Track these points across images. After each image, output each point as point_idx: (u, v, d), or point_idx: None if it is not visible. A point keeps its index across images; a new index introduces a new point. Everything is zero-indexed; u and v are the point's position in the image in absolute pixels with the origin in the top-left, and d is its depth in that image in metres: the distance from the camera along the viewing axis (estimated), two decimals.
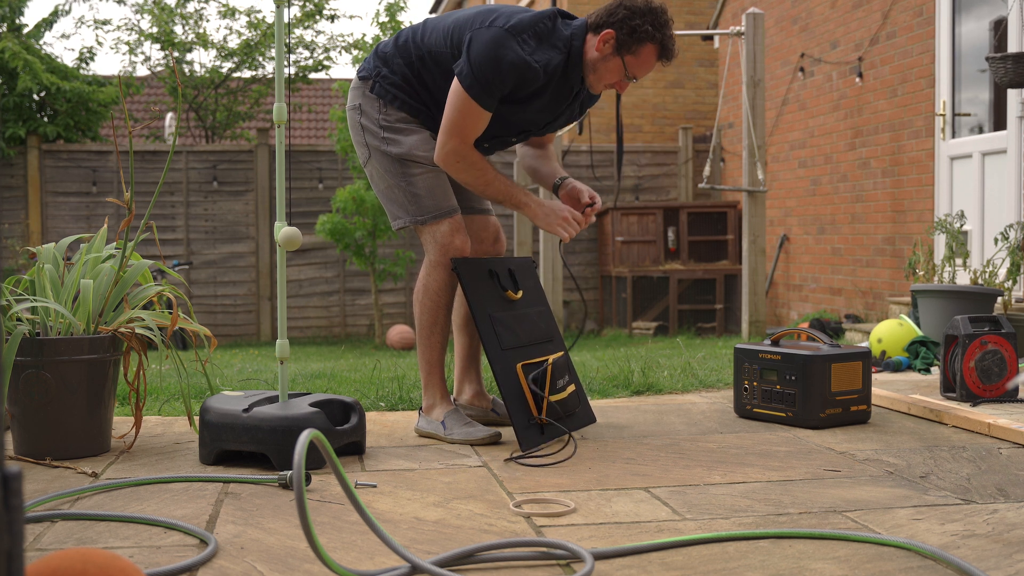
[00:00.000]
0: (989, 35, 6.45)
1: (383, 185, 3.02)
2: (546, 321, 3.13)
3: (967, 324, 3.37)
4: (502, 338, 2.89)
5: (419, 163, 2.96)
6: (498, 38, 2.74)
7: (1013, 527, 2.06)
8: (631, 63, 2.85)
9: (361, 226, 9.87)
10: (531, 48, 2.78)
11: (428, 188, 2.95)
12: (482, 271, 2.96)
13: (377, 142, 2.99)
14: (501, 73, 2.75)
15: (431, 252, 2.98)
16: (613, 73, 2.86)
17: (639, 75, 2.88)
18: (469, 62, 2.76)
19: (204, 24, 13.41)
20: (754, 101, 7.40)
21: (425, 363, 3.07)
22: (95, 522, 2.14)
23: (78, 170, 10.82)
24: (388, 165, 2.98)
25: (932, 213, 6.86)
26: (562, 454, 2.76)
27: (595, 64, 2.86)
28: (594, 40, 2.85)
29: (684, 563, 1.86)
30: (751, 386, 3.28)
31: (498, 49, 2.74)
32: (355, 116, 3.04)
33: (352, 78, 12.06)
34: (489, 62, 2.74)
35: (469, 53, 2.76)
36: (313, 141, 18.11)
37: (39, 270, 2.82)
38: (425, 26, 3.01)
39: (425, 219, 2.96)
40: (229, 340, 10.91)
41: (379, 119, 2.98)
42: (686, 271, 10.15)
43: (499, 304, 2.97)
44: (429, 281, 2.99)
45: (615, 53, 2.84)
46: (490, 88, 2.77)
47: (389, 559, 1.88)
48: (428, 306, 3.01)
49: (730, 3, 10.60)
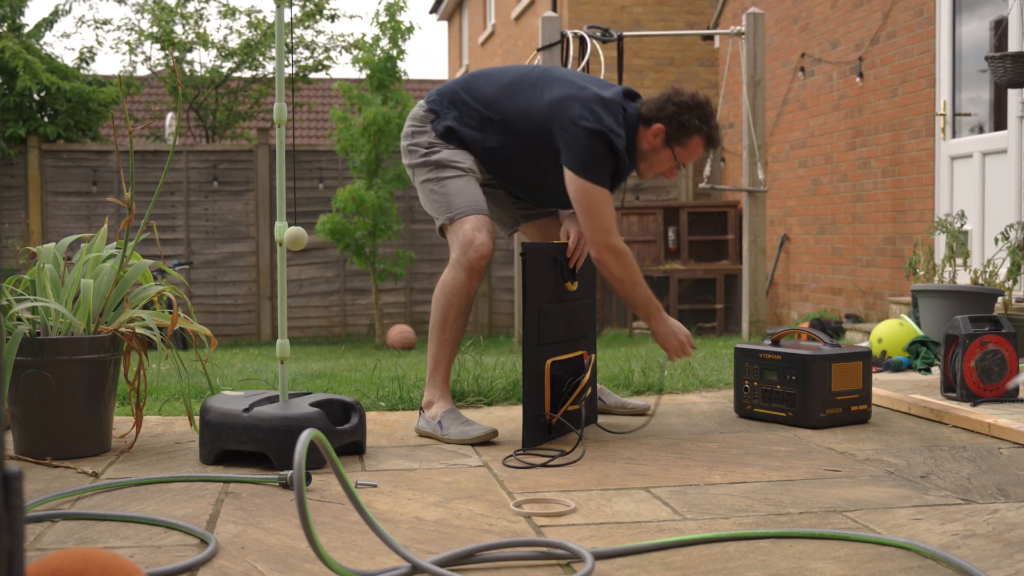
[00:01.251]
0: (989, 35, 6.45)
1: (424, 192, 3.12)
2: (589, 315, 3.17)
3: (967, 324, 3.37)
4: (544, 332, 2.90)
5: (453, 167, 3.05)
6: (598, 135, 2.93)
7: (1013, 527, 2.06)
8: (680, 153, 3.06)
9: (361, 226, 9.86)
10: (620, 138, 2.97)
11: (458, 189, 3.04)
12: (548, 258, 2.96)
13: (423, 151, 3.10)
14: (604, 162, 2.98)
15: (453, 250, 3.03)
16: (664, 163, 3.08)
17: (687, 163, 3.10)
18: (577, 156, 2.94)
19: (204, 24, 13.41)
20: (754, 101, 7.40)
21: (431, 358, 3.11)
22: (95, 522, 2.14)
23: (78, 170, 10.82)
24: (427, 171, 3.08)
25: (932, 213, 6.86)
26: (571, 455, 2.76)
27: (647, 155, 3.07)
28: (646, 132, 3.04)
29: (684, 563, 1.86)
30: (751, 386, 3.28)
31: (603, 147, 2.95)
32: (407, 142, 3.16)
33: (359, 78, 11.95)
34: (594, 156, 2.95)
35: (574, 149, 2.94)
36: (313, 141, 18.11)
37: (39, 270, 2.82)
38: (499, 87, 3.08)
39: (453, 216, 3.02)
40: (229, 340, 10.92)
41: (429, 141, 3.10)
42: (686, 271, 10.15)
43: (553, 295, 2.97)
44: (447, 279, 3.04)
45: (665, 145, 3.04)
46: (602, 171, 2.97)
47: (389, 559, 1.88)
48: (442, 302, 3.04)
49: (730, 3, 10.60)
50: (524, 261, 2.85)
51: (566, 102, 2.96)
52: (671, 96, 3.03)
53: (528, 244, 2.89)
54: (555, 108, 2.96)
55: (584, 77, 3.08)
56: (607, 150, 2.95)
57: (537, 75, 3.09)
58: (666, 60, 13.13)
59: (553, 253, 2.99)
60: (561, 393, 2.95)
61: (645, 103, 3.05)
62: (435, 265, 11.53)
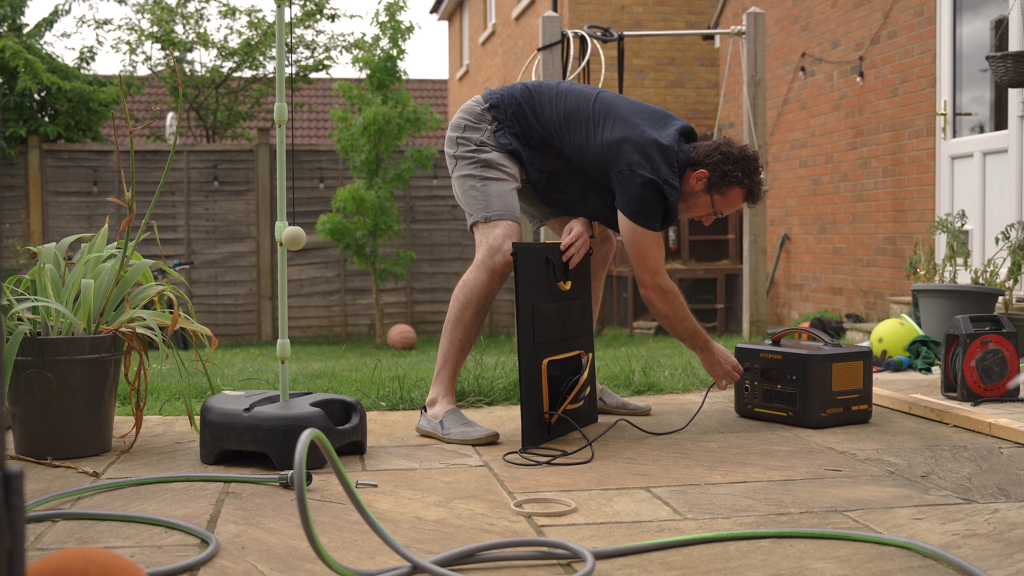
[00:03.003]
0: (990, 34, 6.45)
1: (462, 186, 3.13)
2: (585, 314, 3.17)
3: (968, 323, 3.37)
4: (538, 332, 2.90)
5: (499, 169, 3.08)
6: (652, 184, 2.96)
7: (1014, 526, 2.06)
8: (719, 201, 3.09)
9: (362, 226, 9.86)
10: (674, 189, 3.01)
11: (499, 192, 3.08)
12: (539, 258, 2.97)
13: (474, 147, 3.12)
14: (657, 208, 3.02)
15: (480, 251, 3.05)
16: (701, 207, 3.11)
17: (725, 212, 3.12)
18: (632, 203, 2.99)
19: (205, 24, 13.41)
20: (755, 100, 7.39)
21: (441, 355, 3.13)
22: (96, 522, 2.14)
23: (79, 170, 10.82)
24: (472, 168, 3.10)
25: (933, 212, 6.85)
26: (574, 456, 2.75)
27: (687, 196, 3.10)
28: (690, 175, 3.07)
29: (685, 563, 1.86)
30: (752, 385, 3.28)
31: (655, 195, 2.98)
32: (455, 134, 3.16)
33: (359, 78, 11.92)
34: (648, 203, 2.99)
35: (628, 196, 2.98)
36: (314, 141, 18.11)
37: (40, 270, 2.82)
38: (562, 115, 3.09)
39: (489, 216, 3.06)
40: (230, 340, 10.92)
41: (481, 140, 3.12)
42: (687, 270, 10.15)
43: (546, 294, 2.98)
44: (469, 278, 3.07)
45: (706, 191, 3.08)
46: (654, 216, 3.02)
47: (390, 559, 1.88)
48: (460, 300, 3.07)
49: (731, 2, 10.60)
50: (515, 261, 2.85)
51: (624, 146, 2.98)
52: (721, 145, 3.07)
53: (519, 244, 2.90)
54: (613, 151, 2.99)
55: (641, 111, 3.07)
56: (660, 198, 2.99)
57: (599, 108, 3.07)
58: (666, 60, 13.13)
59: (545, 253, 2.99)
60: (560, 392, 2.95)
61: (697, 147, 3.09)
62: (436, 265, 11.53)
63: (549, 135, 3.09)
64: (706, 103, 13.18)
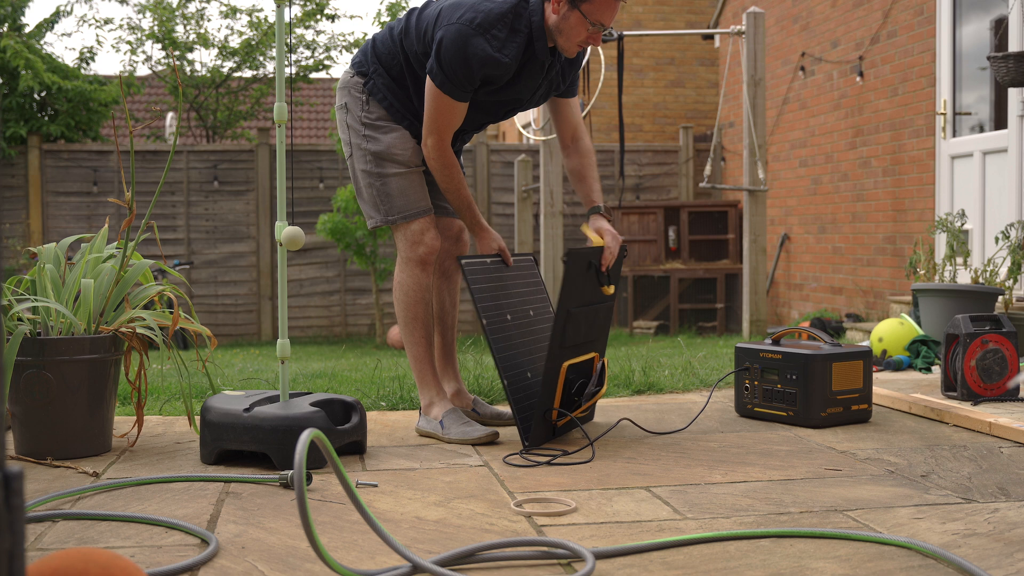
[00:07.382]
0: (990, 34, 6.45)
1: (360, 184, 3.07)
2: (608, 317, 3.14)
3: (968, 323, 3.37)
4: (567, 335, 2.86)
5: (395, 163, 3.00)
6: (465, 35, 2.78)
7: (1014, 526, 2.06)
8: (590, 11, 2.81)
9: (362, 225, 9.86)
10: (500, 42, 2.82)
11: (400, 189, 3.00)
12: (584, 263, 2.90)
13: (358, 139, 3.04)
14: (470, 69, 2.80)
15: (402, 249, 3.01)
16: (577, 29, 2.84)
17: (604, 20, 2.83)
18: (439, 60, 2.82)
19: (205, 24, 13.42)
20: (755, 100, 7.40)
21: (413, 360, 3.08)
22: (96, 522, 2.14)
23: (79, 170, 10.83)
24: (365, 163, 3.03)
25: (933, 212, 6.86)
26: (575, 456, 2.75)
27: (558, 26, 2.85)
28: (549, 6, 2.85)
29: (685, 562, 1.86)
30: (752, 385, 3.28)
31: (466, 48, 2.79)
32: (342, 115, 3.10)
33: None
34: (458, 60, 2.79)
35: (439, 52, 2.81)
36: (314, 140, 18.11)
37: (40, 270, 2.82)
38: (408, 23, 3.01)
39: (395, 219, 3.00)
40: (230, 340, 10.92)
41: (361, 116, 3.03)
42: (687, 270, 10.15)
43: (586, 298, 2.93)
44: (402, 278, 3.02)
45: (571, 8, 2.82)
46: (461, 83, 2.84)
47: (390, 558, 1.88)
48: (404, 302, 3.02)
49: (731, 2, 10.60)
50: (565, 267, 2.77)
51: (446, 12, 2.85)
52: None
53: (572, 251, 2.79)
54: (432, 26, 2.87)
55: None
56: (460, 53, 2.77)
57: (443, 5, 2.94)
58: (666, 59, 13.13)
59: (588, 258, 2.93)
60: (570, 394, 2.94)
61: None
62: None
63: (415, 58, 2.95)
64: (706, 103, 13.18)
